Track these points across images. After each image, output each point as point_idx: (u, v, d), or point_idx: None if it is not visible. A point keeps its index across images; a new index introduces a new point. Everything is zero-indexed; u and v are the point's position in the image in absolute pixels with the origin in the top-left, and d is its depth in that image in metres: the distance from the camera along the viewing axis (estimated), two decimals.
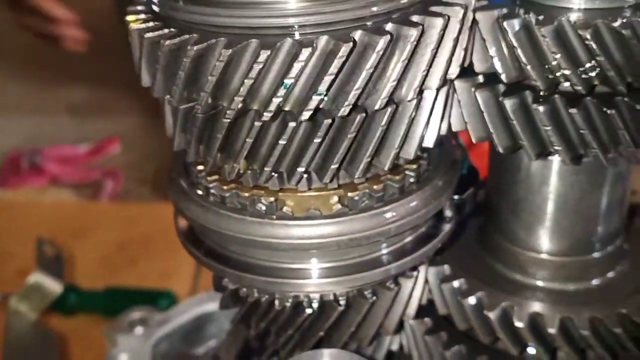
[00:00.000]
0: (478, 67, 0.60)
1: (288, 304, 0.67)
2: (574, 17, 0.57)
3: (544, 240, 0.70)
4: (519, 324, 0.67)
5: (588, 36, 0.54)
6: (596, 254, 0.71)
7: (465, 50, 0.58)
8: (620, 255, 0.73)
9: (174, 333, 1.17)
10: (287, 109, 0.54)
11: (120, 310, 1.76)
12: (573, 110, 0.56)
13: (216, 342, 1.16)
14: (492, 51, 0.58)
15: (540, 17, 0.56)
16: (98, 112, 3.21)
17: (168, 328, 1.16)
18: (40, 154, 2.69)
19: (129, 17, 0.60)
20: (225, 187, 0.63)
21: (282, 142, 0.56)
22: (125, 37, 0.60)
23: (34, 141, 2.86)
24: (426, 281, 0.73)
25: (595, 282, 0.71)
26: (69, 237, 1.84)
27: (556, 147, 0.58)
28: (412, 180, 0.64)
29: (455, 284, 0.71)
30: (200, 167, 0.65)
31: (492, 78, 0.60)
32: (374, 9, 0.53)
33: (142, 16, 0.59)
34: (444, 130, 0.62)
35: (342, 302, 0.66)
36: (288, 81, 0.52)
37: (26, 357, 1.28)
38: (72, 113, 3.21)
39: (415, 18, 0.54)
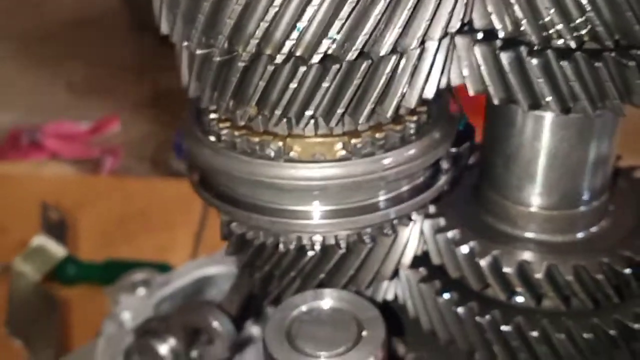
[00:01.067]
0: (477, 23, 0.64)
1: (292, 247, 0.71)
2: None
3: (534, 194, 0.74)
4: (507, 270, 0.71)
5: None
6: (582, 209, 0.75)
7: (466, 5, 0.62)
8: (604, 212, 0.77)
9: (175, 294, 1.21)
10: (298, 53, 0.58)
11: None
12: (564, 63, 0.60)
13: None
14: (491, 7, 0.62)
15: None
16: (98, 90, 3.23)
17: (169, 289, 1.20)
18: (40, 131, 2.71)
19: None
20: (236, 133, 0.67)
21: (292, 85, 0.60)
22: (127, 18, 0.63)
23: (33, 119, 2.88)
24: (422, 233, 0.77)
25: (580, 234, 0.76)
26: (69, 210, 1.87)
27: (547, 99, 0.62)
28: (412, 130, 0.69)
29: (449, 234, 0.75)
30: (213, 115, 0.69)
31: (490, 34, 0.64)
32: None
33: None
34: (443, 84, 0.66)
35: (343, 246, 0.71)
36: (301, 25, 0.56)
37: (29, 316, 1.32)
38: (72, 91, 3.23)
39: None
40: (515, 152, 0.72)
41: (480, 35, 0.65)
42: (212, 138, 0.70)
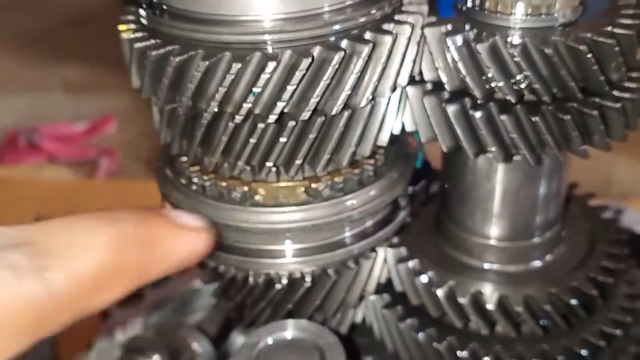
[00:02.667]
0: (427, 75, 0.68)
1: (260, 281, 0.76)
2: (511, 35, 0.65)
3: (488, 227, 0.79)
4: (462, 301, 0.76)
5: (516, 53, 0.62)
6: (535, 240, 0.80)
7: (414, 61, 0.67)
8: (558, 241, 0.82)
9: (165, 307, 1.26)
10: (256, 112, 0.62)
11: None
12: (504, 117, 0.65)
13: (202, 314, 1.25)
14: (438, 63, 0.66)
15: (478, 35, 0.64)
16: (93, 90, 3.27)
17: (159, 303, 1.25)
18: (37, 132, 2.75)
19: (121, 27, 0.68)
20: (205, 177, 0.72)
21: (252, 140, 0.64)
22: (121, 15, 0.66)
23: (30, 119, 2.92)
24: (385, 262, 0.82)
25: (534, 264, 0.80)
26: (65, 213, 1.92)
27: (491, 148, 0.67)
28: (370, 173, 0.73)
29: (410, 264, 0.79)
30: (184, 159, 0.74)
31: (438, 86, 0.68)
32: (334, 27, 0.62)
33: (132, 26, 0.67)
34: (397, 131, 0.71)
35: (308, 279, 0.76)
36: (256, 89, 0.60)
37: None
38: (68, 91, 3.27)
39: (367, 35, 0.62)
40: (469, 189, 0.77)
41: (429, 87, 0.69)
42: (183, 180, 0.74)
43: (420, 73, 0.69)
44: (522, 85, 0.64)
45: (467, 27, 0.67)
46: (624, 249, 0.83)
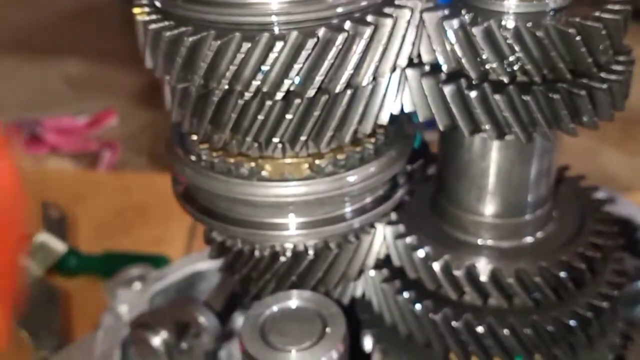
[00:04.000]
0: (425, 58, 0.72)
1: (266, 253, 0.80)
2: (504, 19, 0.69)
3: (482, 204, 0.82)
4: (457, 273, 0.80)
5: (509, 36, 0.66)
6: (527, 217, 0.84)
7: (413, 44, 0.70)
8: (548, 218, 0.86)
9: (169, 289, 1.30)
10: (264, 90, 0.66)
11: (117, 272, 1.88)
12: (498, 96, 0.69)
13: (205, 295, 1.29)
14: (435, 45, 0.70)
15: (474, 19, 0.68)
16: (95, 84, 3.30)
17: (163, 284, 1.29)
18: (40, 124, 2.79)
19: (135, 10, 0.72)
20: (214, 154, 0.75)
21: (260, 117, 0.68)
22: (123, 11, 0.70)
23: (32, 112, 2.95)
24: (384, 238, 0.86)
25: (526, 240, 0.85)
26: (68, 204, 1.96)
27: (485, 126, 0.71)
28: (370, 151, 0.77)
29: (408, 240, 0.83)
30: (194, 137, 0.78)
31: (435, 67, 0.72)
32: (337, 10, 0.66)
33: (146, 9, 0.71)
34: (396, 110, 0.75)
35: (311, 252, 0.80)
36: (265, 68, 0.64)
37: (33, 309, 1.41)
38: (69, 84, 3.30)
39: (369, 18, 0.66)
40: (464, 168, 0.81)
41: (427, 68, 0.73)
42: (193, 157, 0.78)
43: (419, 55, 0.73)
44: (515, 67, 0.68)
45: (463, 11, 0.70)
46: (613, 227, 0.87)
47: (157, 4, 0.69)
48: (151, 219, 2.01)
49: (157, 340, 1.04)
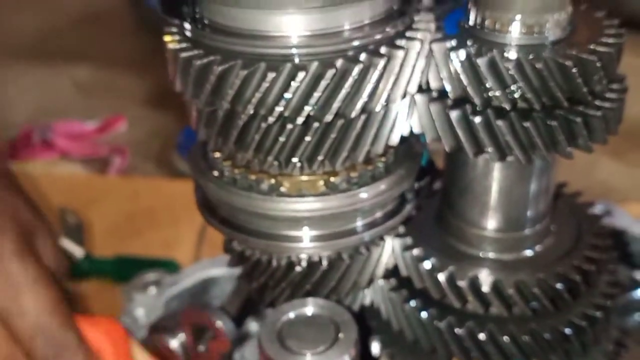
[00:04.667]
0: (433, 85, 0.78)
1: (283, 263, 0.86)
2: (507, 50, 0.75)
3: (485, 219, 0.88)
4: (461, 284, 0.85)
5: (511, 67, 0.72)
6: (527, 231, 0.90)
7: (422, 72, 0.76)
8: (547, 233, 0.92)
9: (183, 294, 1.36)
10: (286, 115, 0.72)
11: (128, 276, 1.97)
12: (500, 122, 0.74)
13: (219, 302, 1.35)
14: (443, 74, 0.76)
15: (478, 50, 0.74)
16: (103, 89, 3.35)
17: (177, 289, 1.35)
18: (50, 129, 2.84)
19: (166, 38, 0.78)
20: (236, 171, 0.81)
21: (281, 139, 0.74)
22: (133, 16, 0.76)
23: (41, 117, 3.01)
24: (392, 250, 0.92)
25: (525, 253, 0.90)
26: (79, 208, 2.01)
27: (488, 149, 0.77)
28: (381, 169, 0.83)
29: (415, 252, 0.89)
30: (217, 155, 0.84)
31: (443, 93, 0.78)
32: (354, 43, 0.72)
33: (177, 37, 0.77)
34: (406, 132, 0.81)
35: (325, 263, 0.85)
36: (287, 95, 0.70)
37: None
38: (78, 90, 3.35)
39: (382, 50, 0.72)
40: (468, 185, 0.87)
41: (435, 94, 0.79)
42: (216, 173, 0.84)
43: (427, 82, 0.78)
44: (516, 95, 0.74)
45: (469, 43, 0.76)
46: (607, 241, 0.93)
47: (188, 33, 0.75)
48: (160, 224, 2.06)
49: (174, 342, 1.10)
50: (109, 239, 1.99)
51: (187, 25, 0.75)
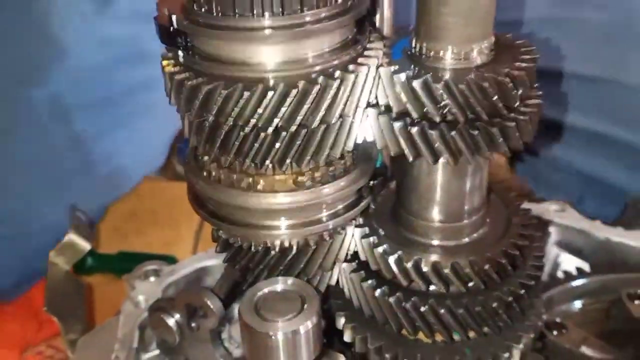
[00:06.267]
0: (380, 101, 0.96)
1: (260, 248, 1.04)
2: (440, 73, 0.93)
3: (429, 212, 1.05)
4: (407, 265, 1.03)
5: (440, 88, 0.90)
6: (465, 221, 1.07)
7: (371, 91, 0.94)
8: (482, 223, 1.09)
9: (179, 281, 1.53)
10: (259, 125, 0.90)
11: (130, 270, 2.17)
12: (432, 132, 0.92)
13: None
14: (388, 92, 0.94)
15: (416, 74, 0.92)
16: None
17: (174, 277, 1.53)
18: None
19: (164, 62, 0.95)
20: (220, 171, 0.99)
21: (256, 145, 0.92)
22: None
23: None
24: (353, 237, 1.09)
25: (463, 240, 1.07)
26: None
27: (424, 153, 0.94)
28: (340, 169, 1.01)
29: (371, 239, 1.06)
30: (205, 158, 1.01)
31: (388, 108, 0.96)
32: (315, 68, 0.89)
33: (172, 62, 0.95)
34: (360, 139, 0.99)
35: (294, 248, 1.03)
36: (260, 110, 0.88)
37: (62, 298, 1.65)
38: None
39: (336, 74, 0.90)
40: (414, 183, 1.04)
41: (382, 109, 0.97)
42: (205, 173, 1.02)
43: (376, 98, 0.96)
44: (445, 110, 0.91)
45: (410, 67, 0.94)
46: (533, 232, 1.10)
47: (180, 59, 0.93)
48: (161, 223, 2.21)
49: (171, 320, 1.27)
50: (113, 237, 2.15)
51: (180, 53, 0.92)
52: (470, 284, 1.03)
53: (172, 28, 0.90)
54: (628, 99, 1.83)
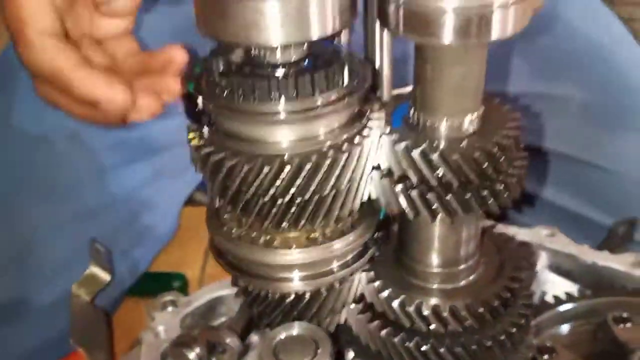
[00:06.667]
0: (383, 165, 1.07)
1: (276, 297, 1.15)
2: (436, 141, 1.04)
3: (428, 259, 1.17)
4: (409, 309, 1.14)
5: (436, 157, 1.01)
6: (461, 267, 1.19)
7: (376, 158, 1.06)
8: (477, 266, 1.21)
9: (195, 311, 1.65)
10: (277, 194, 1.01)
11: (143, 289, 2.30)
12: (429, 195, 1.03)
13: (226, 318, 1.64)
14: (389, 159, 1.05)
15: (414, 143, 1.03)
16: None
17: (191, 307, 1.64)
18: None
19: (190, 135, 1.06)
20: (241, 229, 1.10)
21: (274, 210, 1.03)
22: None
23: None
24: (360, 282, 1.21)
25: (461, 283, 1.19)
26: None
27: (423, 212, 1.05)
28: (348, 225, 1.12)
29: (376, 284, 1.17)
30: (227, 216, 1.13)
31: (390, 171, 1.07)
32: (326, 143, 1.00)
33: (197, 135, 1.06)
34: (365, 199, 1.10)
35: (307, 296, 1.15)
36: (277, 182, 0.99)
37: (86, 329, 1.76)
38: None
39: (344, 147, 1.01)
40: (414, 234, 1.16)
41: (385, 172, 1.08)
42: (225, 229, 1.13)
43: (379, 162, 1.08)
44: (440, 175, 1.03)
45: (409, 135, 1.05)
46: (523, 274, 1.22)
47: (205, 135, 1.04)
48: (171, 244, 2.32)
49: (192, 354, 1.38)
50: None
51: (205, 129, 1.04)
52: (467, 323, 1.14)
53: (197, 108, 1.01)
54: (604, 182, 1.88)
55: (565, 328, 1.57)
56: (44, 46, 1.12)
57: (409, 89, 1.12)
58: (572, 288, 1.68)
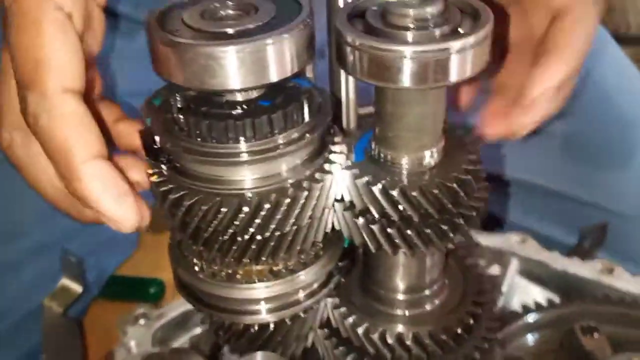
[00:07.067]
0: (345, 198, 1.07)
1: (240, 327, 1.16)
2: (397, 177, 1.04)
3: (393, 286, 1.18)
4: (374, 336, 1.15)
5: (396, 194, 1.01)
6: (426, 292, 1.20)
7: (337, 191, 1.06)
8: (442, 289, 1.22)
9: (167, 324, 1.65)
10: (236, 232, 1.01)
11: (120, 293, 2.30)
12: (390, 229, 1.03)
13: (200, 329, 1.65)
14: (351, 193, 1.05)
15: (375, 178, 1.03)
16: None
17: (163, 320, 1.65)
18: None
19: (149, 171, 1.05)
20: (202, 263, 1.10)
21: (234, 247, 1.03)
22: None
23: None
24: (326, 307, 1.22)
25: (426, 308, 1.20)
26: None
27: (385, 246, 1.06)
28: (312, 256, 1.12)
29: (341, 310, 1.18)
30: (188, 249, 1.12)
31: (352, 205, 1.07)
32: (288, 181, 1.00)
33: (157, 172, 1.05)
34: (329, 229, 1.10)
35: (272, 325, 1.15)
36: (237, 222, 0.99)
37: (58, 342, 1.76)
38: None
39: (305, 184, 1.00)
40: (378, 262, 1.16)
41: (347, 204, 1.08)
42: (187, 261, 1.13)
43: (342, 196, 1.08)
44: (401, 210, 1.03)
45: (370, 169, 1.05)
46: (486, 298, 1.23)
47: (164, 172, 1.03)
48: (148, 248, 2.32)
49: None
50: None
51: (163, 167, 1.03)
52: (430, 350, 1.16)
53: (155, 145, 1.01)
54: (588, 215, 1.88)
55: (532, 338, 1.59)
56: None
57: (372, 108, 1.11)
58: (543, 294, 1.70)
